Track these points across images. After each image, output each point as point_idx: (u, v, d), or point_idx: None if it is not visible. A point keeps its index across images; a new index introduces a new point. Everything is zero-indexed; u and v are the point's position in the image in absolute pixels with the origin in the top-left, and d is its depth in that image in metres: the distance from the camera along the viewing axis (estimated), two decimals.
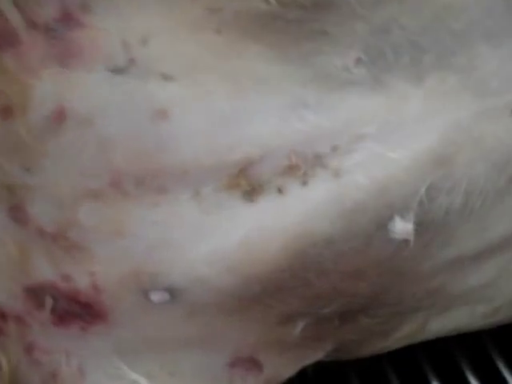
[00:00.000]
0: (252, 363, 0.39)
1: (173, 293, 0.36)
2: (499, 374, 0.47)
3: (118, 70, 0.33)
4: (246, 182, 0.35)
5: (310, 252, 0.36)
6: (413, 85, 0.35)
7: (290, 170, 0.35)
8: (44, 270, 0.36)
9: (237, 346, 0.38)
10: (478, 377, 0.48)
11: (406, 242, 0.36)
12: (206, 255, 0.36)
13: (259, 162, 0.35)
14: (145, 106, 0.34)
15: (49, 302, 0.36)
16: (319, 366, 0.42)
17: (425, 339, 0.43)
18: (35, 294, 0.35)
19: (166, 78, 0.34)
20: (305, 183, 0.36)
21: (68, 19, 0.32)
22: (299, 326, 0.38)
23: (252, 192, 0.35)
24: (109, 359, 0.37)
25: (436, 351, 0.48)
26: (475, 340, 0.48)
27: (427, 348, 0.46)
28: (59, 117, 0.34)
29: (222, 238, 0.35)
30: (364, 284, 0.37)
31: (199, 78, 0.34)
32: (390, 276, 0.37)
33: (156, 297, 0.36)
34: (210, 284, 0.36)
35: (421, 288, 0.39)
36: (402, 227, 0.36)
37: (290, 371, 0.39)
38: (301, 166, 0.35)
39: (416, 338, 0.42)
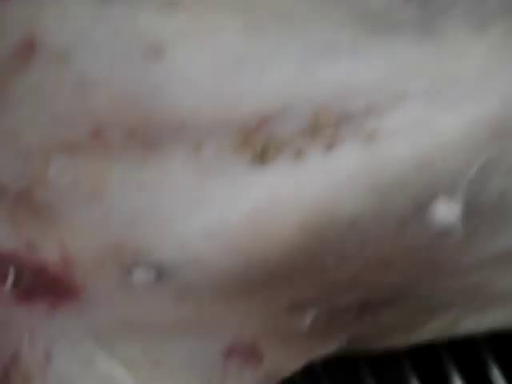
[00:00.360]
0: (251, 353, 0.35)
1: (160, 271, 0.33)
2: None
3: None
4: (258, 142, 0.32)
5: (331, 233, 0.32)
6: (473, 33, 0.31)
7: (313, 130, 0.32)
8: (5, 237, 0.33)
9: (234, 332, 0.35)
10: (505, 376, 0.45)
11: (449, 228, 0.32)
12: (202, 228, 0.32)
13: (275, 119, 0.31)
14: (136, 41, 0.31)
15: (11, 273, 0.33)
16: (329, 362, 0.39)
17: (452, 337, 0.40)
18: None
19: (164, 6, 0.31)
20: (329, 148, 0.32)
21: None
22: (309, 314, 0.35)
23: (264, 155, 0.32)
24: (80, 343, 0.34)
25: (459, 346, 0.44)
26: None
27: (449, 343, 0.42)
28: (27, 48, 0.31)
29: (223, 208, 0.32)
30: (391, 274, 0.34)
31: (205, 9, 0.31)
32: (423, 267, 0.34)
33: (140, 275, 0.33)
34: (207, 263, 0.33)
35: (458, 283, 0.35)
36: (447, 210, 0.32)
37: (294, 365, 0.36)
38: (326, 126, 0.32)
39: (442, 336, 0.39)
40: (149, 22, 0.31)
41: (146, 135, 0.32)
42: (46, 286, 0.33)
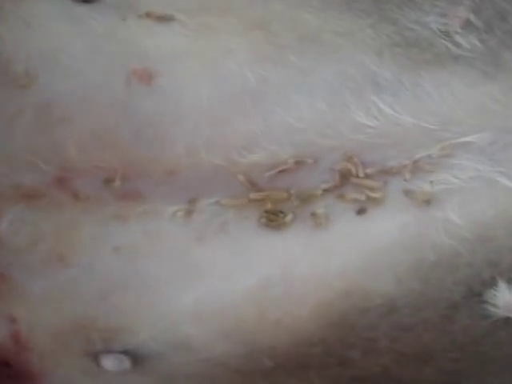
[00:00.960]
0: None
1: (139, 357, 0.28)
2: None
3: None
4: (270, 200, 0.28)
5: (358, 318, 0.28)
6: None
7: (341, 187, 0.28)
8: None
9: None
10: None
11: (508, 319, 0.28)
12: (195, 305, 0.28)
13: (292, 171, 0.28)
14: (119, 63, 0.28)
15: None
16: None
17: None
18: None
19: (156, 21, 0.28)
20: (362, 211, 0.28)
21: None
22: None
23: (277, 215, 0.28)
24: None
25: None
26: None
27: None
28: None
29: (222, 281, 0.28)
30: (430, 370, 0.29)
31: (207, 26, 0.28)
32: (470, 362, 0.29)
33: (112, 362, 0.28)
34: (198, 349, 0.28)
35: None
36: (508, 298, 0.27)
37: None
38: (358, 184, 0.28)
39: None
40: (136, 39, 0.28)
41: (126, 184, 0.28)
42: None
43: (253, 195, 0.29)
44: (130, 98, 0.28)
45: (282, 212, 0.28)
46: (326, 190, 0.28)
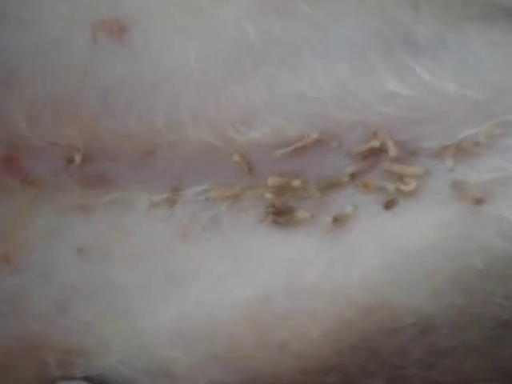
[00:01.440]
0: None
1: None
2: None
3: None
4: (276, 191, 0.25)
5: (384, 342, 0.24)
6: None
7: (364, 177, 0.24)
8: None
9: None
10: None
11: None
12: (175, 323, 0.25)
13: (305, 153, 0.24)
14: (83, 8, 0.25)
15: None
16: None
17: None
18: None
19: None
20: (390, 205, 0.24)
21: None
22: None
23: (286, 212, 0.25)
24: None
25: None
26: None
27: None
28: None
29: (211, 292, 0.25)
30: None
31: None
32: None
33: None
34: (179, 377, 0.25)
35: None
36: None
37: None
38: (383, 170, 0.24)
39: None
40: None
41: (90, 166, 0.25)
42: None
43: (252, 183, 0.25)
44: (95, 56, 0.25)
45: (288, 205, 0.25)
46: (345, 178, 0.25)
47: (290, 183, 0.25)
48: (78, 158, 0.25)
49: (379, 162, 0.24)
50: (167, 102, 0.24)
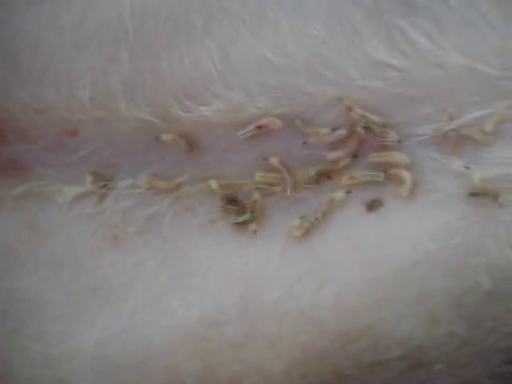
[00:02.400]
0: None
1: None
2: None
3: None
4: (227, 184, 0.20)
5: (364, 377, 0.20)
6: None
7: (338, 167, 0.20)
8: None
9: None
10: None
11: None
12: (97, 350, 0.20)
13: (254, 138, 0.20)
14: None
15: None
16: None
17: None
18: None
19: None
20: (374, 205, 0.20)
21: None
22: None
23: (236, 208, 0.20)
24: None
25: None
26: None
27: None
28: None
29: (145, 310, 0.20)
30: None
31: None
32: None
33: None
34: None
35: None
36: None
37: None
38: (367, 160, 0.20)
39: None
40: None
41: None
42: None
43: (201, 174, 0.20)
44: (4, 5, 0.20)
45: (246, 203, 0.20)
46: (317, 170, 0.20)
47: (248, 175, 0.20)
48: None
49: (361, 151, 0.19)
50: (93, 68, 0.19)
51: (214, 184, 0.19)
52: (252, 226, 0.20)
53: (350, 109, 0.19)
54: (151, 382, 0.20)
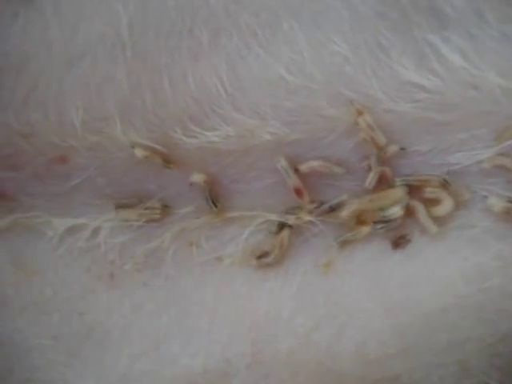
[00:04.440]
0: None
1: None
2: None
3: None
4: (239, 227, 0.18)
5: None
6: None
7: (357, 201, 0.18)
8: None
9: None
10: None
11: None
12: None
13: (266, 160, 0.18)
14: None
15: None
16: None
17: None
18: None
19: None
20: (400, 243, 0.18)
21: None
22: None
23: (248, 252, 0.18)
24: None
25: None
26: None
27: None
28: None
29: (144, 357, 0.18)
30: None
31: None
32: None
33: None
34: None
35: None
36: None
37: None
38: (390, 193, 0.18)
39: None
40: None
41: None
42: None
43: (207, 206, 0.18)
44: None
45: (257, 239, 0.18)
46: (339, 204, 0.17)
47: (259, 206, 0.18)
48: None
49: (385, 182, 0.17)
50: (85, 87, 0.17)
51: (226, 221, 0.17)
52: (264, 266, 0.17)
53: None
54: None
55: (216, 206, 0.18)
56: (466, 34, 0.18)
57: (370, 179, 0.17)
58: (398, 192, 0.17)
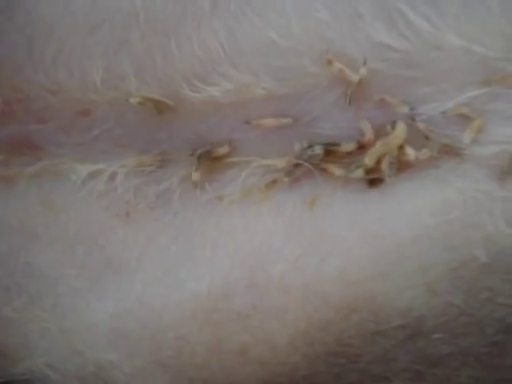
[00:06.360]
0: None
1: None
2: None
3: None
4: (234, 162, 0.21)
5: (366, 347, 0.20)
6: None
7: (341, 144, 0.20)
8: None
9: None
10: None
11: None
12: (114, 321, 0.21)
13: (262, 117, 0.20)
14: None
15: None
16: None
17: None
18: None
19: None
20: (375, 182, 0.20)
21: None
22: None
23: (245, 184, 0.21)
24: None
25: None
26: None
27: None
28: None
29: (157, 283, 0.21)
30: None
31: None
32: None
33: None
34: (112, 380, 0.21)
35: None
36: None
37: None
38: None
39: None
40: None
41: (11, 127, 0.21)
42: None
43: (209, 153, 0.20)
44: None
45: (251, 180, 0.21)
46: (324, 147, 0.20)
47: (255, 153, 0.20)
48: None
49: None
50: (105, 50, 0.20)
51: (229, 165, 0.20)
52: (259, 202, 0.20)
53: (329, 62, 0.19)
54: (163, 352, 0.21)
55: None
56: (431, 2, 0.20)
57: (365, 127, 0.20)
58: (402, 131, 0.20)
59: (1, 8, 0.20)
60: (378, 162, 0.20)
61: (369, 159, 0.19)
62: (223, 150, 0.20)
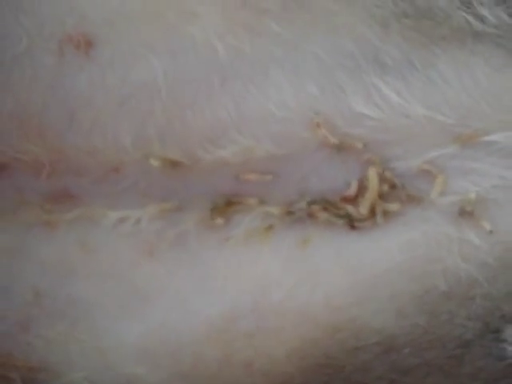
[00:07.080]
0: None
1: None
2: None
3: None
4: (240, 210, 0.24)
5: (349, 360, 0.24)
6: None
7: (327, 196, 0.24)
8: None
9: None
10: None
11: None
12: (141, 340, 0.24)
13: (262, 174, 0.24)
14: (51, 22, 0.23)
15: None
16: None
17: None
18: None
19: None
20: (355, 226, 0.23)
21: None
22: None
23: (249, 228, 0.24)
24: None
25: None
26: None
27: None
28: None
29: (177, 309, 0.24)
30: None
31: None
32: None
33: None
34: None
35: None
36: None
37: None
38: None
39: None
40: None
41: (55, 181, 0.23)
42: None
43: (219, 202, 0.24)
44: (61, 71, 0.23)
45: (253, 225, 0.24)
46: (312, 199, 0.23)
47: (256, 202, 0.23)
48: (42, 174, 0.23)
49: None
50: (134, 119, 0.23)
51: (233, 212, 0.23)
52: (261, 243, 0.23)
53: (318, 125, 0.22)
54: (182, 366, 0.24)
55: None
56: (401, 77, 0.23)
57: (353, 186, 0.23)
58: (375, 185, 0.23)
59: (46, 86, 0.23)
60: (359, 210, 0.24)
61: (352, 208, 0.23)
62: (232, 199, 0.23)
